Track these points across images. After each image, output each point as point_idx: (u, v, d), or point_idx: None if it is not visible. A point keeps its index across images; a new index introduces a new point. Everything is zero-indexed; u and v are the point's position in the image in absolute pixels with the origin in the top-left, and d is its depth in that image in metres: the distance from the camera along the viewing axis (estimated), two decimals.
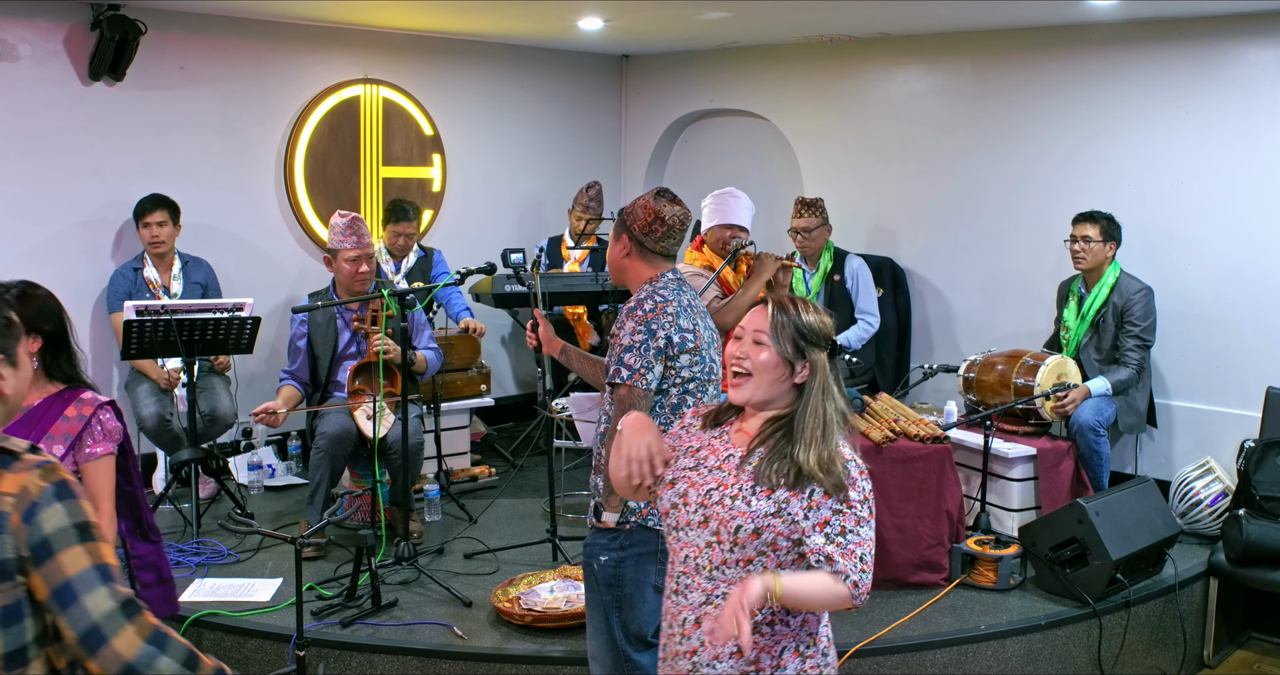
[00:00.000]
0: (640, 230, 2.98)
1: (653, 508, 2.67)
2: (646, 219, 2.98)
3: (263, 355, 5.32)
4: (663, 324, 2.87)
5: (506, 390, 6.88)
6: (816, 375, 2.19)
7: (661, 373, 2.89)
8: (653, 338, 2.86)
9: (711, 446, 2.28)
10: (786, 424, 2.18)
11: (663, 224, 2.97)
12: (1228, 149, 5.02)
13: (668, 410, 2.93)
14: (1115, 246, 4.92)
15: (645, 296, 2.93)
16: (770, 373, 2.19)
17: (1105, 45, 5.35)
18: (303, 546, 3.33)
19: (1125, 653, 4.11)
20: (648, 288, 2.97)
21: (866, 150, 6.32)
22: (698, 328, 2.94)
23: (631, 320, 2.90)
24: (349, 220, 4.63)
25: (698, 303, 3.04)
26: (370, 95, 6.17)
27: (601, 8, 5.32)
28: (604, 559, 2.90)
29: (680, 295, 2.96)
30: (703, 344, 2.94)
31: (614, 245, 3.06)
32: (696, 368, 2.94)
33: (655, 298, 2.92)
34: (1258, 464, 4.48)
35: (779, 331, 2.19)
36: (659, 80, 7.30)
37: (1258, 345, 4.98)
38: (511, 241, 6.90)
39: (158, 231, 5.06)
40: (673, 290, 2.96)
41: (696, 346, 2.92)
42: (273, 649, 3.76)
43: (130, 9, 5.04)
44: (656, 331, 2.86)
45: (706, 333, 2.99)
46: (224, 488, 5.08)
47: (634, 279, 3.03)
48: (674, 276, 3.02)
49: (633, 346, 2.87)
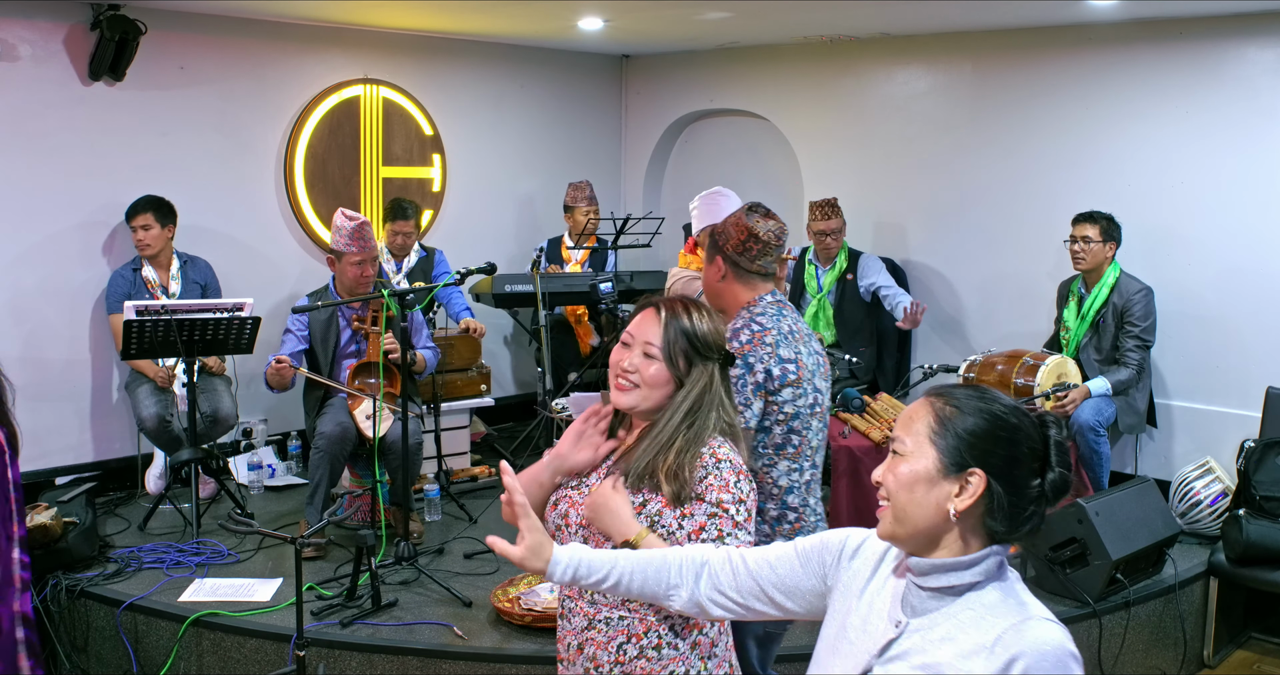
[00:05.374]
0: (734, 250, 2.81)
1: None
2: (740, 237, 2.80)
3: (263, 355, 5.32)
4: (761, 356, 2.69)
5: (506, 390, 6.88)
6: (699, 385, 2.07)
7: (762, 409, 2.71)
8: (750, 372, 2.69)
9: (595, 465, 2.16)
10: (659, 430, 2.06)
11: (757, 241, 2.79)
12: (1228, 149, 5.01)
13: (771, 449, 2.76)
14: (1115, 247, 4.92)
15: (742, 325, 2.76)
16: (659, 389, 2.07)
17: (1105, 45, 5.35)
18: (303, 546, 3.33)
19: (1125, 653, 4.11)
20: (745, 314, 2.79)
21: (866, 150, 6.32)
22: (800, 356, 2.76)
23: None
24: (356, 225, 4.60)
25: (801, 326, 2.85)
26: (370, 95, 6.17)
27: (601, 8, 5.32)
28: None
29: (780, 321, 2.78)
30: (805, 375, 2.76)
31: (708, 268, 2.88)
32: (800, 401, 2.76)
33: (753, 326, 2.74)
34: (1258, 464, 4.48)
35: (670, 346, 2.06)
36: (659, 80, 7.30)
37: (1258, 345, 4.98)
38: (511, 241, 6.91)
39: (143, 235, 5.04)
40: (772, 316, 2.78)
41: (799, 378, 2.74)
42: (273, 649, 3.76)
43: (130, 9, 5.04)
44: (754, 365, 2.69)
45: (811, 360, 2.80)
46: (224, 488, 5.08)
47: (731, 303, 2.85)
48: (773, 299, 2.84)
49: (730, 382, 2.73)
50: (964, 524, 1.55)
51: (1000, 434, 1.54)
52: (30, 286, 5.09)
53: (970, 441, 1.54)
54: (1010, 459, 1.54)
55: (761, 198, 5.29)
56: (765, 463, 2.76)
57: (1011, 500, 1.53)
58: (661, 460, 2.02)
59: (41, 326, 5.13)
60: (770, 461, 2.76)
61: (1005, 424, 1.55)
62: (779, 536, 2.77)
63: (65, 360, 5.22)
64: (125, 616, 3.94)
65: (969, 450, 1.54)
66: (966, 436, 1.55)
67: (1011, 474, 1.53)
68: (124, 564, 4.29)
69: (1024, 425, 1.56)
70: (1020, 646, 1.46)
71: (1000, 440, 1.54)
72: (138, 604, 3.95)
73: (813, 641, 1.74)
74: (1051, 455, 1.56)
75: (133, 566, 4.28)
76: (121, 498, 5.22)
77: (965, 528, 1.55)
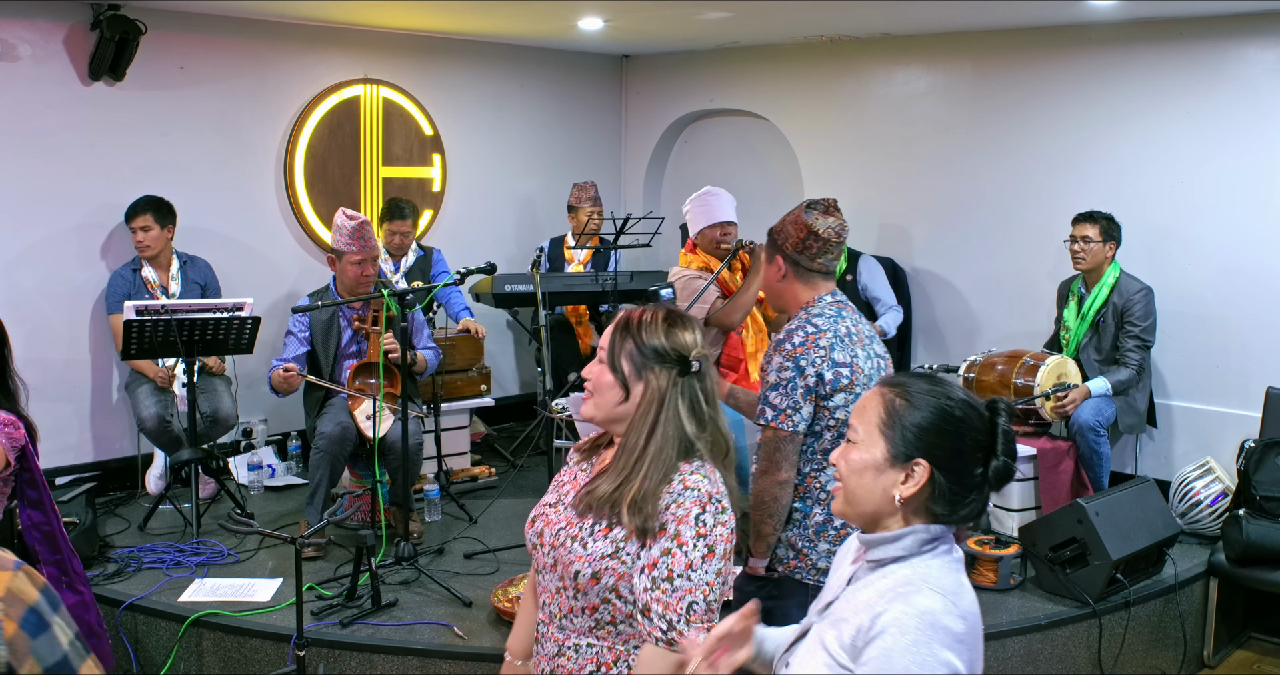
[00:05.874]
0: (794, 249, 2.77)
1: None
2: (799, 235, 2.77)
3: (263, 355, 5.32)
4: (813, 359, 2.65)
5: (506, 390, 6.88)
6: (650, 397, 1.96)
7: (811, 413, 2.67)
8: (801, 375, 2.65)
9: (575, 480, 2.08)
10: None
11: (817, 239, 2.75)
12: (1228, 149, 5.01)
13: (820, 455, 2.72)
14: (1115, 247, 4.92)
15: (797, 327, 2.71)
16: (605, 393, 1.99)
17: (1105, 45, 5.35)
18: (303, 546, 3.33)
19: (1125, 653, 4.11)
20: (802, 315, 2.75)
21: (866, 150, 6.32)
22: (855, 360, 2.69)
23: (779, 355, 2.69)
24: (357, 224, 4.60)
25: (861, 327, 2.78)
26: (370, 95, 6.17)
27: (601, 8, 5.32)
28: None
29: (838, 323, 2.72)
30: (861, 378, 2.69)
31: (768, 268, 2.84)
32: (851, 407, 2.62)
33: (807, 328, 2.69)
34: (1258, 464, 4.48)
35: (614, 348, 1.99)
36: (659, 80, 7.30)
37: (1258, 345, 4.98)
38: (511, 241, 6.91)
39: (143, 236, 5.04)
40: (829, 318, 2.72)
41: (852, 382, 2.67)
42: (273, 649, 3.75)
43: (130, 9, 5.04)
44: (806, 368, 2.65)
45: (867, 364, 2.73)
46: (224, 488, 5.08)
47: (792, 303, 2.81)
48: (834, 299, 2.78)
49: (779, 384, 2.66)
50: (907, 507, 1.66)
51: (946, 427, 1.64)
52: (30, 286, 5.09)
53: (916, 434, 1.65)
54: (954, 451, 1.64)
55: (761, 198, 5.32)
56: (814, 467, 2.73)
57: (953, 488, 1.64)
58: (626, 490, 1.91)
59: (41, 326, 5.13)
60: (819, 466, 2.72)
61: (951, 417, 1.65)
62: (823, 542, 2.74)
63: (65, 360, 5.22)
64: (125, 616, 3.94)
65: (915, 442, 1.65)
66: (913, 429, 1.65)
67: (954, 465, 1.64)
68: (124, 564, 4.29)
69: (970, 418, 1.65)
70: (890, 606, 1.57)
71: (945, 433, 1.64)
72: (138, 604, 3.95)
73: None
74: (998, 444, 1.65)
75: (133, 566, 4.28)
76: (121, 498, 5.22)
77: (908, 510, 1.66)
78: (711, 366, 2.09)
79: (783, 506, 2.74)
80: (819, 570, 2.73)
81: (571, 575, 1.93)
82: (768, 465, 2.73)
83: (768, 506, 2.74)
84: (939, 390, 1.67)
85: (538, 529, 2.05)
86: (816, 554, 2.73)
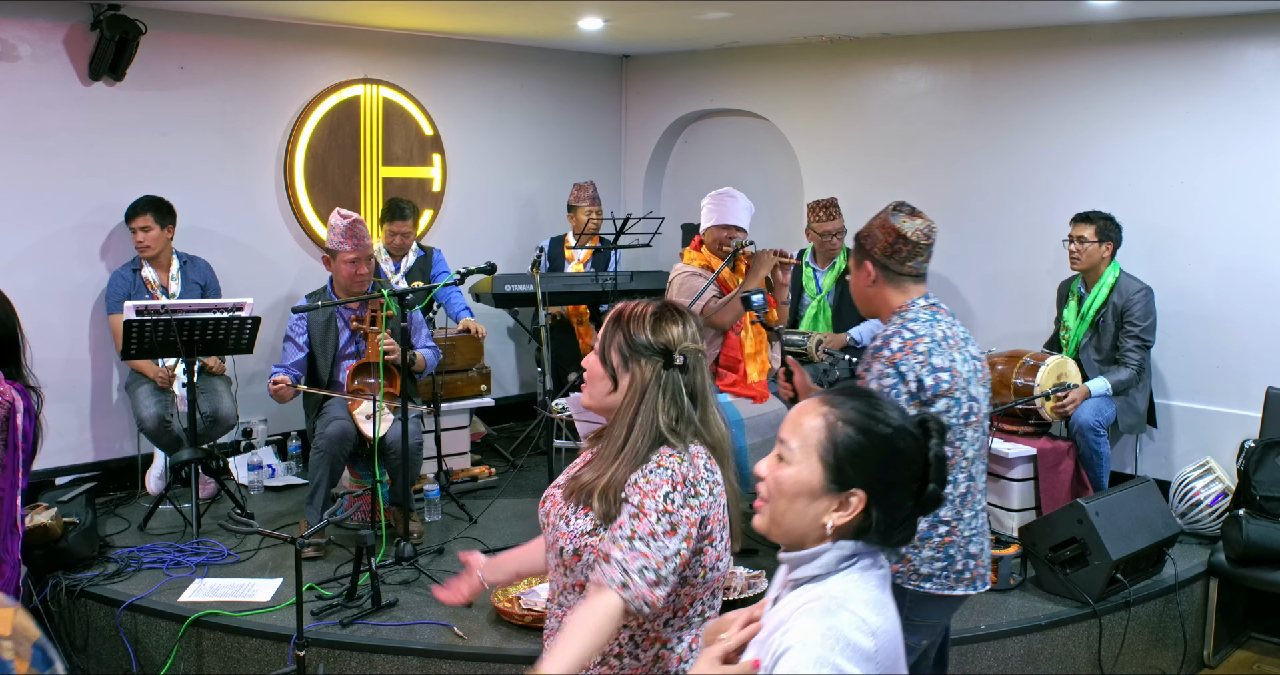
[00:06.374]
0: (883, 253, 2.73)
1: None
2: (887, 239, 2.72)
3: (263, 355, 5.32)
4: (912, 365, 2.62)
5: (506, 390, 6.88)
6: (635, 389, 2.02)
7: None
8: (903, 381, 2.62)
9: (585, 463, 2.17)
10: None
11: (906, 242, 2.71)
12: (1228, 149, 5.01)
13: None
14: (1112, 247, 4.91)
15: (893, 332, 2.68)
16: (596, 383, 2.08)
17: (1105, 45, 5.35)
18: (303, 546, 3.33)
19: (1125, 653, 4.11)
20: (896, 320, 2.71)
21: (866, 150, 6.32)
22: (954, 364, 2.67)
23: (878, 361, 2.65)
24: (349, 223, 4.62)
25: (956, 330, 2.75)
26: (370, 95, 6.17)
27: (601, 8, 5.32)
28: None
29: (934, 327, 2.69)
30: (960, 383, 2.67)
31: (856, 274, 2.80)
32: (954, 412, 2.66)
33: (904, 333, 2.66)
34: (1258, 464, 4.48)
35: (605, 340, 2.07)
36: (659, 80, 7.30)
37: (1258, 345, 4.98)
38: (511, 241, 6.91)
39: (143, 237, 5.03)
40: (925, 322, 2.69)
41: (952, 387, 2.65)
42: (273, 649, 3.75)
43: (130, 9, 5.04)
44: (906, 374, 2.62)
45: (965, 367, 2.70)
46: (224, 488, 5.08)
47: (883, 308, 2.77)
48: (926, 302, 2.74)
49: (881, 391, 2.61)
50: (836, 534, 1.59)
51: (888, 460, 1.58)
52: (30, 287, 5.08)
53: (855, 464, 1.57)
54: (891, 483, 1.58)
55: (761, 198, 5.31)
56: None
57: (886, 518, 1.58)
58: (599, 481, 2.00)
59: (41, 326, 5.11)
60: None
61: (893, 449, 1.58)
62: (927, 548, 2.71)
63: (65, 360, 5.22)
64: (125, 616, 3.94)
65: (853, 471, 1.57)
66: (852, 459, 1.57)
67: (891, 496, 1.58)
68: (124, 564, 4.29)
69: (910, 448, 1.59)
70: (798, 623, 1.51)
71: (887, 466, 1.57)
72: (138, 604, 3.95)
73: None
74: (931, 472, 1.59)
75: (133, 566, 4.28)
76: (121, 498, 5.22)
77: (836, 535, 1.59)
78: (702, 361, 2.08)
79: None
80: (920, 576, 2.70)
81: (558, 552, 2.03)
82: None
83: None
84: (882, 416, 1.59)
85: (545, 510, 2.14)
86: (920, 560, 2.70)
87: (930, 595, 2.72)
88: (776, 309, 4.51)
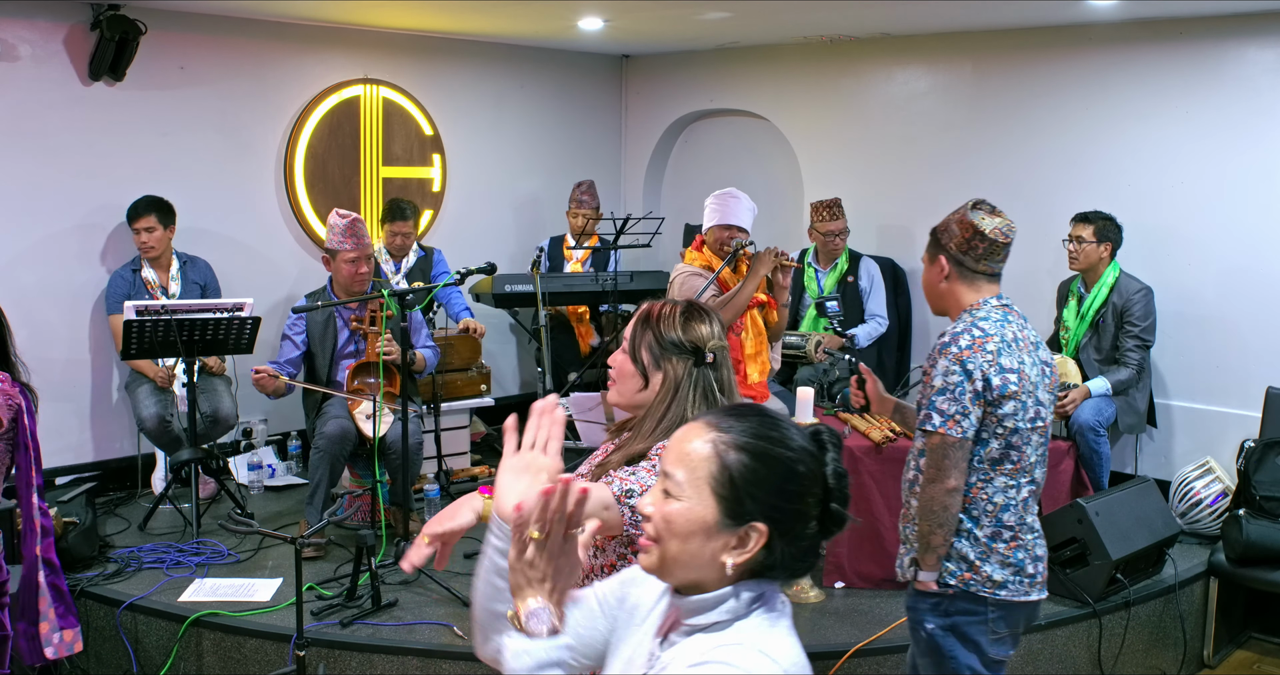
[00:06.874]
0: (959, 249, 2.69)
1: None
2: (964, 235, 2.69)
3: (263, 355, 5.32)
4: (980, 364, 2.59)
5: (506, 390, 6.88)
6: (667, 384, 2.07)
7: (979, 419, 2.61)
8: (969, 379, 2.59)
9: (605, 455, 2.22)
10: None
11: (983, 239, 2.67)
12: (1228, 149, 5.01)
13: (987, 464, 2.66)
14: (1111, 247, 4.91)
15: (962, 330, 2.65)
16: (626, 381, 2.11)
17: (1105, 45, 5.35)
18: (303, 546, 3.33)
19: (1125, 653, 4.11)
20: (967, 318, 2.68)
21: (866, 150, 6.32)
22: (1023, 367, 2.64)
23: (945, 358, 2.63)
24: (349, 222, 4.62)
25: (1028, 332, 2.72)
26: (370, 95, 6.17)
27: (601, 8, 5.32)
28: (930, 627, 2.72)
29: (1004, 327, 2.66)
30: (1028, 386, 2.64)
31: (929, 268, 2.77)
32: (1021, 416, 2.63)
33: (974, 331, 2.63)
34: (1258, 464, 4.48)
35: (635, 339, 2.10)
36: (659, 80, 7.30)
37: (1258, 345, 4.98)
38: (511, 241, 6.91)
39: (147, 237, 5.03)
40: (995, 321, 2.65)
41: (1019, 390, 2.61)
42: (273, 649, 3.76)
43: (130, 9, 5.04)
44: (973, 372, 2.59)
45: (1034, 370, 2.67)
46: (224, 488, 5.08)
47: (954, 305, 2.74)
48: (999, 302, 2.71)
49: (946, 389, 2.61)
50: (736, 571, 1.42)
51: (788, 487, 1.41)
52: (30, 286, 5.09)
53: (753, 494, 1.40)
54: (794, 513, 1.42)
55: (762, 198, 5.31)
56: (980, 478, 2.66)
57: (791, 550, 1.42)
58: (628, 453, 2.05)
59: (41, 326, 5.12)
60: (985, 477, 2.65)
61: (794, 475, 1.41)
62: (994, 555, 2.69)
63: (65, 360, 5.22)
64: (125, 616, 3.94)
65: (752, 503, 1.40)
66: (750, 489, 1.40)
67: (794, 525, 1.42)
68: (124, 564, 4.29)
69: (811, 472, 1.43)
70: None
71: (787, 493, 1.41)
72: (138, 604, 3.95)
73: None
74: (833, 494, 1.44)
75: (133, 566, 4.28)
76: (121, 498, 5.22)
77: (736, 573, 1.42)
78: (728, 358, 2.14)
79: (952, 516, 2.67)
80: (994, 583, 2.68)
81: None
82: (936, 473, 2.65)
83: (937, 516, 2.66)
84: (777, 438, 1.43)
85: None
86: (990, 566, 2.68)
87: (1007, 602, 2.70)
88: (776, 310, 4.51)
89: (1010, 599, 2.70)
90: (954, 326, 2.68)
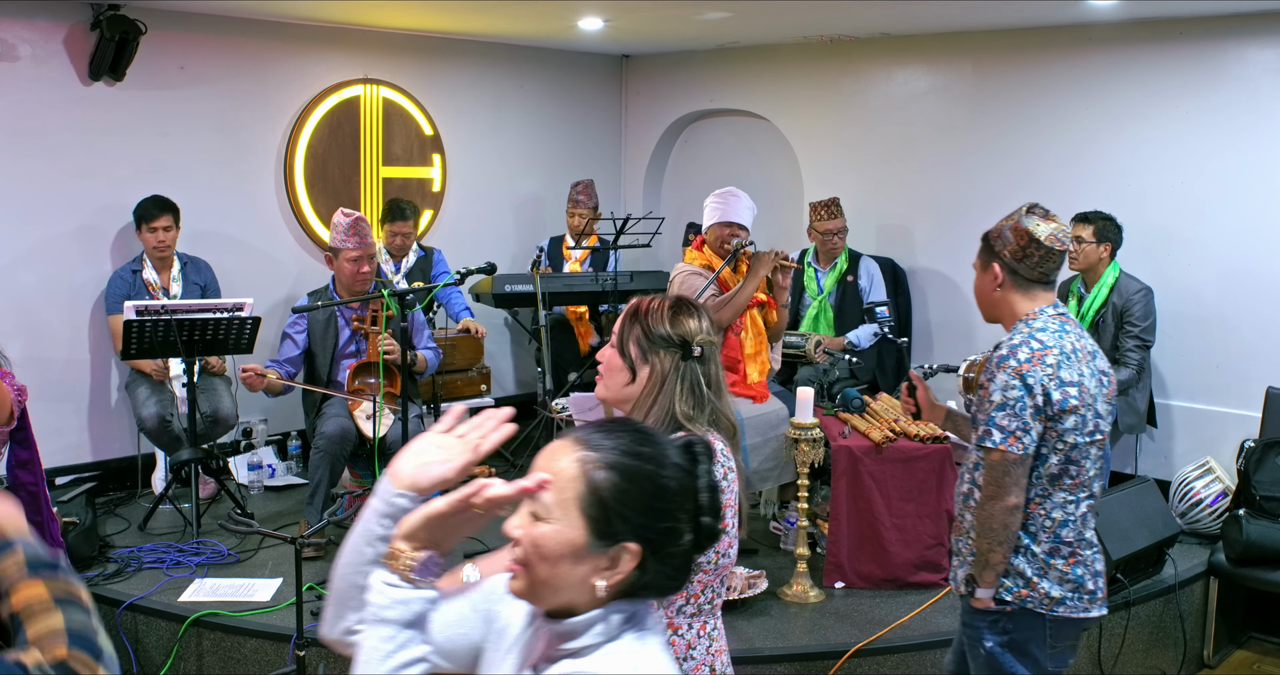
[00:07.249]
0: (1013, 256, 2.59)
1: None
2: (1019, 242, 2.58)
3: (263, 355, 5.32)
4: (1040, 378, 2.51)
5: (506, 390, 6.88)
6: (654, 380, 2.07)
7: (1040, 434, 2.54)
8: (1030, 394, 2.51)
9: None
10: None
11: (1039, 246, 2.57)
12: (1228, 149, 5.02)
13: (1045, 480, 2.59)
14: (1111, 247, 4.91)
15: (1020, 342, 2.56)
16: (614, 375, 2.12)
17: (1105, 45, 5.35)
18: (303, 546, 3.33)
19: (1125, 653, 4.11)
20: (1023, 329, 2.59)
21: (866, 150, 6.32)
22: (1083, 380, 2.55)
23: (1003, 372, 2.55)
24: (352, 220, 4.62)
25: (1085, 342, 2.63)
26: (370, 95, 6.17)
27: (601, 8, 5.32)
28: (989, 644, 2.66)
29: (1063, 338, 2.57)
30: (1088, 399, 2.56)
31: (981, 276, 2.68)
32: (1081, 430, 2.56)
33: (1032, 344, 2.54)
34: (1258, 464, 4.48)
35: (623, 334, 2.11)
36: (659, 80, 7.30)
37: (1258, 345, 4.98)
38: (511, 241, 6.91)
39: (164, 237, 5.03)
40: (1053, 332, 2.57)
41: (1080, 403, 2.54)
42: (273, 649, 3.76)
43: (130, 9, 5.04)
44: (1034, 386, 2.51)
45: (1093, 382, 2.58)
46: (224, 488, 5.07)
47: (1008, 314, 2.65)
48: (1055, 311, 2.62)
49: (1006, 404, 2.52)
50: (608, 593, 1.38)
51: (658, 505, 1.37)
52: (30, 286, 5.09)
53: (624, 515, 1.35)
54: (667, 531, 1.37)
55: (761, 198, 5.31)
56: (1038, 493, 2.60)
57: (664, 569, 1.38)
58: None
59: (41, 326, 5.13)
60: (1044, 492, 2.60)
61: (664, 492, 1.37)
62: (1052, 571, 2.63)
63: (65, 360, 5.22)
64: (125, 616, 3.94)
65: (622, 523, 1.35)
66: (619, 510, 1.35)
67: (666, 544, 1.38)
68: (124, 564, 4.29)
69: (683, 487, 1.39)
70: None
71: (658, 512, 1.37)
72: (138, 604, 3.95)
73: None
74: (704, 509, 1.40)
75: (133, 566, 4.28)
76: (121, 498, 5.22)
77: (608, 594, 1.38)
78: (716, 353, 2.14)
79: (1012, 533, 2.61)
80: (1052, 599, 2.63)
81: None
82: (995, 490, 2.58)
83: (997, 534, 2.59)
84: (648, 453, 1.39)
85: None
86: (1047, 583, 2.63)
87: (1065, 619, 2.65)
88: (776, 310, 4.51)
89: (1068, 615, 2.65)
90: (1010, 338, 2.60)
